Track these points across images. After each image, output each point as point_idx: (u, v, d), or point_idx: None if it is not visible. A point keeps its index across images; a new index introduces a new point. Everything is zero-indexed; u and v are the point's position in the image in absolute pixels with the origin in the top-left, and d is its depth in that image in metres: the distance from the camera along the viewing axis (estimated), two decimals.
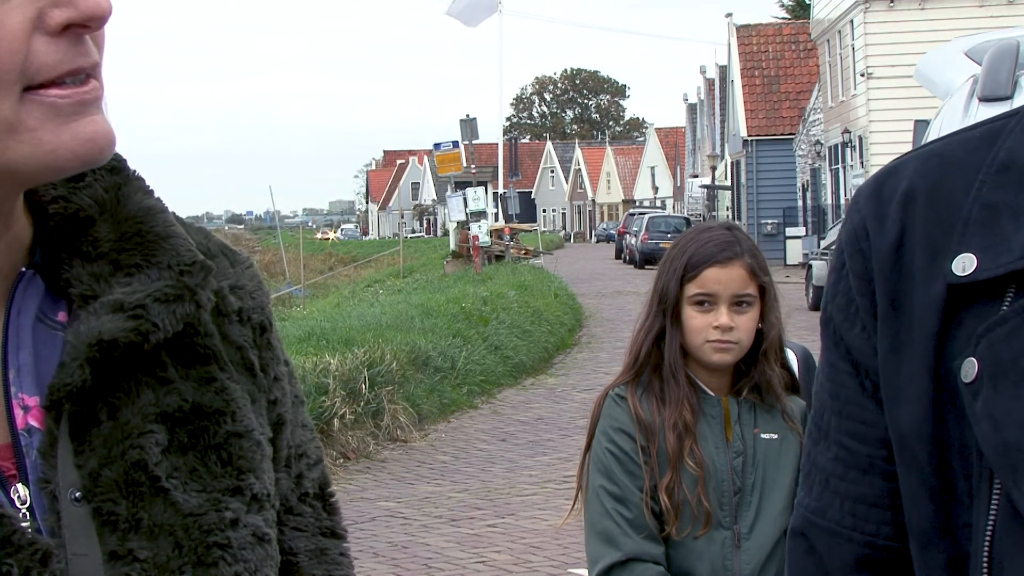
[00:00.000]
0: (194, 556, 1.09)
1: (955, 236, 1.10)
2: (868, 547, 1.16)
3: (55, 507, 1.05)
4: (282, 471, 1.25)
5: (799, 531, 1.21)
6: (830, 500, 1.18)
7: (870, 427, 1.16)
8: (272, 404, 1.23)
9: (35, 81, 1.01)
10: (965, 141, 1.16)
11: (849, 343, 1.17)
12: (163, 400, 1.11)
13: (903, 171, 1.17)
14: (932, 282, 1.11)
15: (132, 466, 1.08)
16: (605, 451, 2.85)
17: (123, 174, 1.16)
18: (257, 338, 1.22)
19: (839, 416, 1.18)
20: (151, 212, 1.15)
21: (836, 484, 1.18)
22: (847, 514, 1.17)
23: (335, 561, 1.29)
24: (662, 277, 2.93)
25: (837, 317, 1.18)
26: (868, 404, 1.16)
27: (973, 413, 1.05)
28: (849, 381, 1.17)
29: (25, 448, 1.06)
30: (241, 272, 1.24)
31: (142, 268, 1.12)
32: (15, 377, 1.08)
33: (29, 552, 1.01)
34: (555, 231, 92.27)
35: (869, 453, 1.16)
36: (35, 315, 1.10)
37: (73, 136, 1.02)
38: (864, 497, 1.16)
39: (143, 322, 1.08)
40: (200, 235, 1.22)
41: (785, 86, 46.54)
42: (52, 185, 1.13)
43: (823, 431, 1.20)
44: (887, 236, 1.14)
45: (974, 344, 1.06)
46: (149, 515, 1.08)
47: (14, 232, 1.11)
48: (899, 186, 1.16)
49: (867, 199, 1.18)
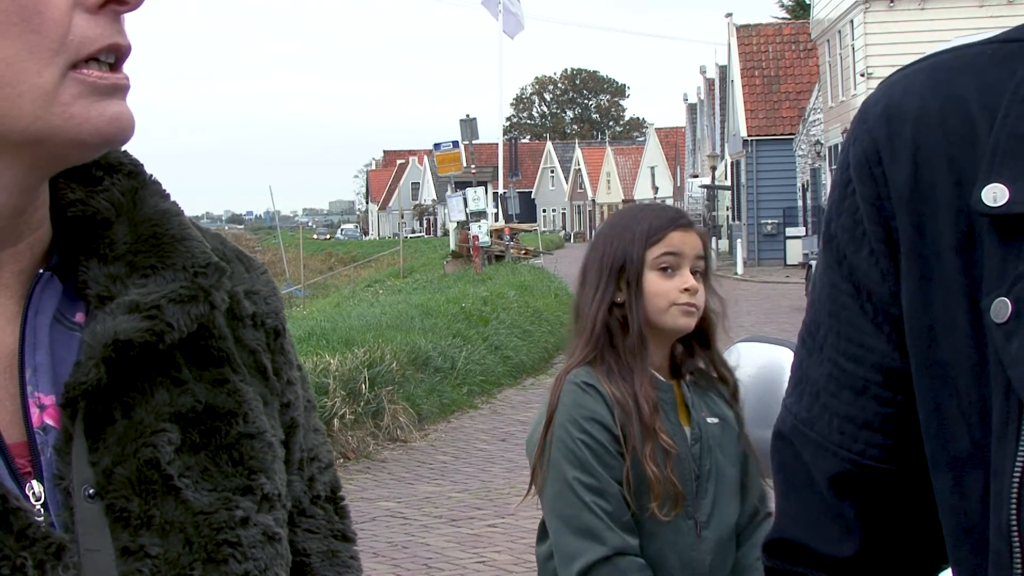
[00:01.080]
0: (204, 553, 1.10)
1: (982, 164, 1.06)
2: (851, 464, 1.16)
3: (69, 503, 1.07)
4: (295, 474, 1.27)
5: (787, 436, 1.21)
6: (820, 413, 1.18)
7: (867, 351, 1.15)
8: (285, 407, 1.25)
9: (79, 55, 1.06)
10: (977, 56, 1.12)
11: (853, 264, 1.15)
12: (177, 400, 1.13)
13: (912, 85, 1.13)
14: (957, 210, 1.08)
15: (145, 464, 1.10)
16: (578, 442, 2.72)
17: (140, 178, 1.20)
18: (271, 342, 1.25)
19: (836, 335, 1.17)
20: (167, 215, 1.18)
21: (827, 400, 1.17)
22: (835, 431, 1.17)
23: (345, 564, 1.31)
24: (615, 246, 2.83)
25: (842, 237, 1.16)
26: (867, 327, 1.15)
27: (1007, 355, 1.02)
28: (850, 302, 1.16)
29: (40, 446, 1.08)
30: (256, 277, 1.27)
31: (157, 270, 1.14)
32: (32, 376, 1.10)
33: (43, 545, 1.03)
34: (555, 231, 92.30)
35: (864, 376, 1.15)
36: (53, 316, 1.13)
37: (100, 113, 1.07)
38: (854, 417, 1.16)
39: (158, 322, 1.11)
40: (216, 240, 1.25)
41: (785, 86, 46.54)
42: (71, 188, 1.16)
43: (817, 343, 1.18)
44: (902, 162, 1.11)
45: (1008, 284, 1.03)
46: (161, 512, 1.09)
47: (38, 235, 1.14)
48: (910, 104, 1.12)
49: (876, 118, 1.14)
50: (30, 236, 1.13)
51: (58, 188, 1.17)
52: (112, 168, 1.19)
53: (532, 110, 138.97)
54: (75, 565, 1.04)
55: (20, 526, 1.03)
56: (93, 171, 1.18)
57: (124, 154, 1.20)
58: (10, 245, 1.12)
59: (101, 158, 1.18)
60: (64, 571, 1.03)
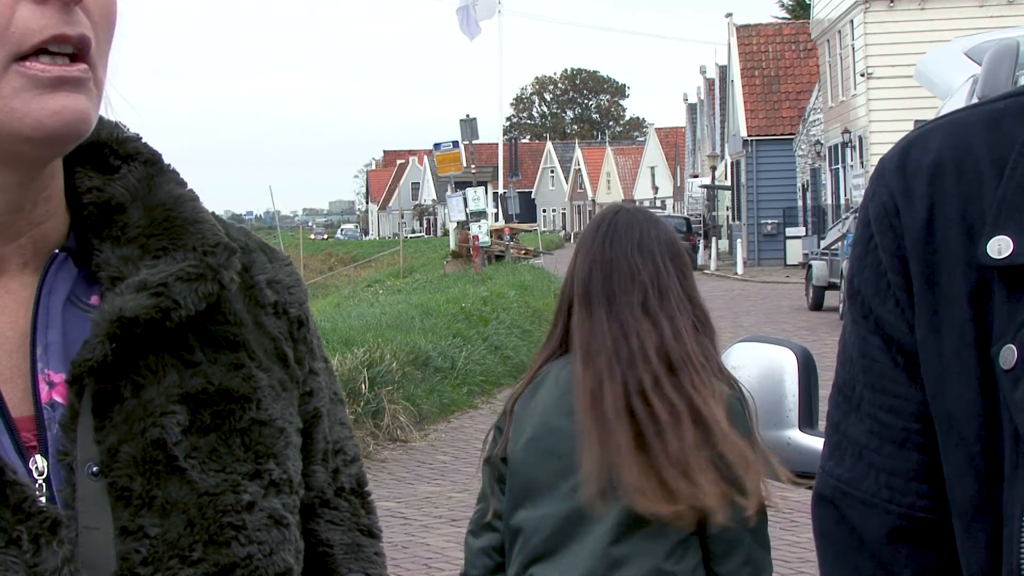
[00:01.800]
0: (206, 535, 1.10)
1: (989, 216, 1.08)
2: (904, 519, 1.16)
3: (71, 480, 1.07)
4: (318, 464, 1.27)
5: (829, 499, 1.20)
6: (865, 472, 1.17)
7: (904, 400, 1.15)
8: (307, 396, 1.25)
9: (22, 48, 1.04)
10: (992, 111, 1.14)
11: (880, 317, 1.16)
12: (188, 382, 1.14)
13: (929, 142, 1.15)
14: (967, 262, 1.09)
15: (151, 444, 1.10)
16: None
17: (156, 166, 1.20)
18: (294, 331, 1.25)
19: (871, 390, 1.17)
20: (181, 200, 1.19)
21: (871, 457, 1.17)
22: (883, 486, 1.16)
23: (370, 559, 1.31)
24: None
25: (866, 291, 1.17)
26: (900, 378, 1.15)
27: (1013, 401, 1.03)
28: (880, 355, 1.16)
29: (47, 421, 1.09)
30: (279, 268, 1.27)
31: (168, 251, 1.15)
32: (42, 354, 1.11)
33: (39, 520, 1.03)
34: (555, 231, 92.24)
35: (904, 427, 1.15)
36: (66, 297, 1.13)
37: (42, 107, 1.05)
38: (899, 470, 1.16)
39: (164, 299, 1.11)
40: (241, 233, 1.26)
41: (785, 86, 46.54)
42: (87, 176, 1.17)
43: (853, 403, 1.19)
44: (917, 213, 1.13)
45: (1013, 331, 1.05)
46: (163, 493, 1.09)
47: (44, 230, 1.14)
48: (925, 158, 1.14)
49: (893, 172, 1.16)
50: (31, 231, 1.13)
51: (76, 177, 1.17)
52: (129, 157, 1.19)
53: (532, 110, 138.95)
54: (71, 540, 1.04)
55: (16, 499, 1.03)
56: (111, 160, 1.19)
57: (143, 145, 1.21)
58: (12, 240, 1.12)
59: (119, 148, 1.19)
60: (59, 546, 1.03)
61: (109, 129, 1.20)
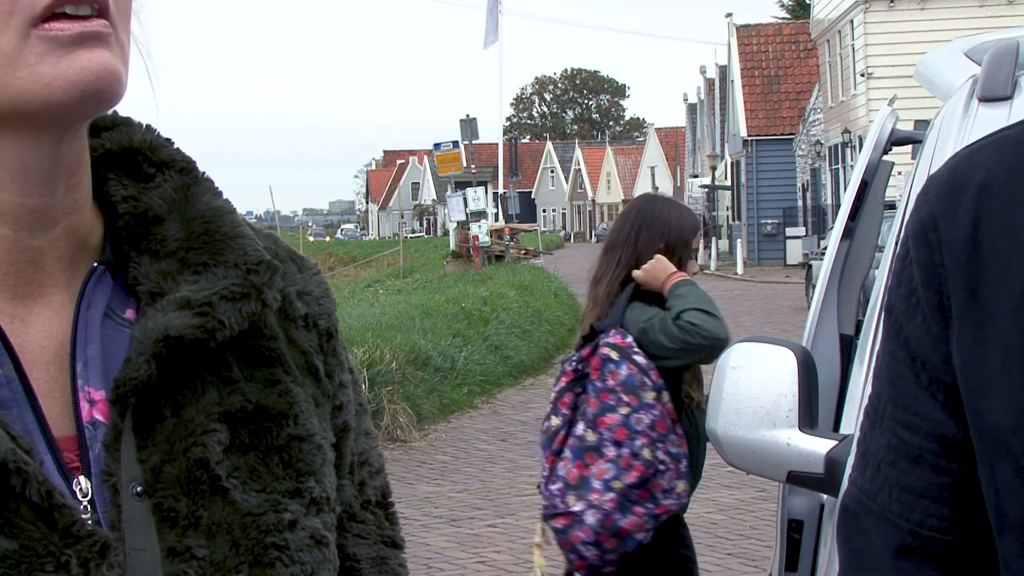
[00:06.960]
0: (251, 556, 1.09)
1: None
2: (911, 535, 1.16)
3: (116, 501, 1.05)
4: (345, 478, 1.25)
5: (851, 509, 1.22)
6: (881, 484, 1.19)
7: (922, 419, 1.16)
8: (337, 410, 1.23)
9: (36, 11, 1.01)
10: None
11: (909, 333, 1.17)
12: (227, 400, 1.12)
13: (978, 159, 1.16)
14: (1019, 273, 1.09)
15: (194, 464, 1.08)
16: None
17: (192, 175, 1.17)
18: (324, 344, 1.23)
19: (894, 405, 1.18)
20: (219, 212, 1.16)
21: (887, 471, 1.18)
22: (894, 500, 1.17)
23: (394, 572, 1.30)
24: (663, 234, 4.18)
25: (899, 307, 1.18)
26: (922, 396, 1.16)
27: None
28: (906, 371, 1.17)
29: (89, 441, 1.07)
30: (308, 278, 1.25)
31: (209, 266, 1.13)
32: (83, 370, 1.08)
33: (88, 543, 1.01)
34: (555, 231, 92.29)
35: (919, 444, 1.16)
36: (103, 311, 1.11)
37: (70, 66, 1.02)
38: (911, 486, 1.16)
39: (209, 319, 1.09)
40: (269, 240, 1.23)
41: (785, 86, 46.54)
42: (121, 184, 1.14)
43: (879, 415, 1.20)
44: (960, 227, 1.13)
45: None
46: (208, 513, 1.08)
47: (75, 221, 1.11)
48: (974, 175, 1.14)
49: (939, 188, 1.16)
50: (65, 221, 1.10)
51: (108, 184, 1.15)
52: (164, 165, 1.16)
53: (532, 110, 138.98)
54: (120, 564, 1.02)
55: (65, 523, 1.01)
56: (145, 168, 1.16)
57: (177, 151, 1.18)
58: (48, 229, 1.09)
59: (152, 155, 1.16)
60: (109, 570, 1.01)
61: (142, 134, 1.17)
